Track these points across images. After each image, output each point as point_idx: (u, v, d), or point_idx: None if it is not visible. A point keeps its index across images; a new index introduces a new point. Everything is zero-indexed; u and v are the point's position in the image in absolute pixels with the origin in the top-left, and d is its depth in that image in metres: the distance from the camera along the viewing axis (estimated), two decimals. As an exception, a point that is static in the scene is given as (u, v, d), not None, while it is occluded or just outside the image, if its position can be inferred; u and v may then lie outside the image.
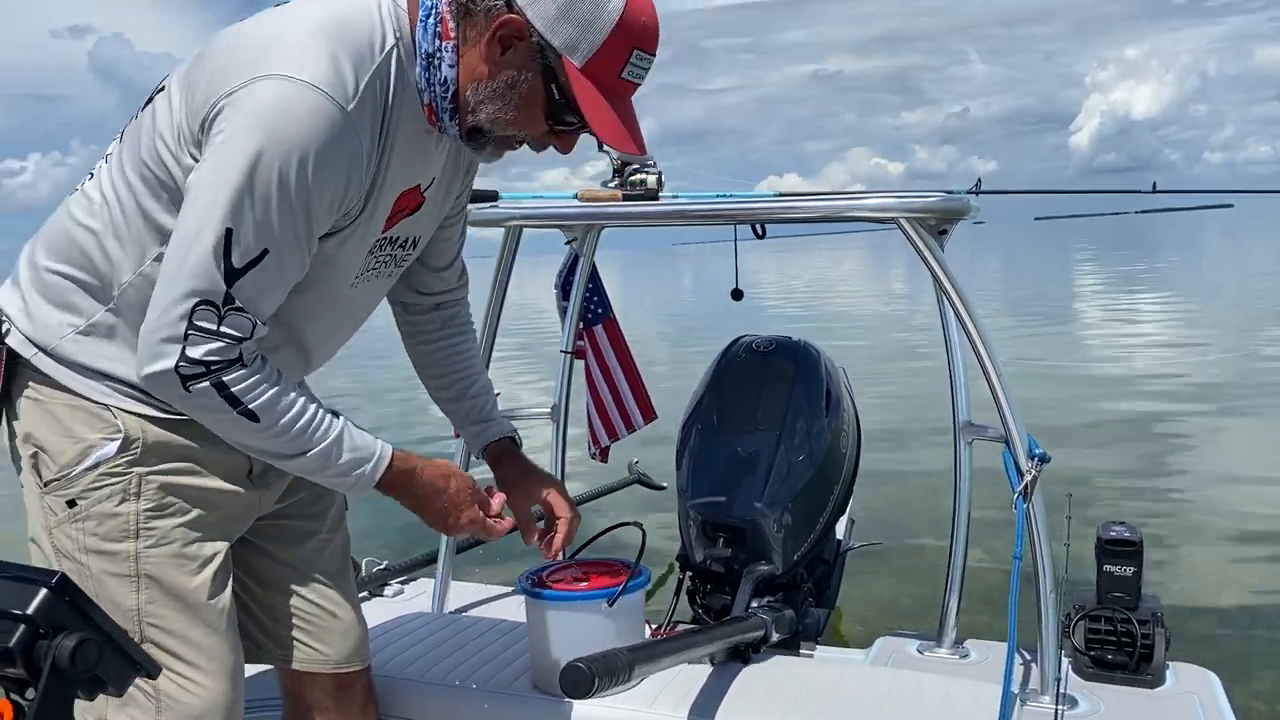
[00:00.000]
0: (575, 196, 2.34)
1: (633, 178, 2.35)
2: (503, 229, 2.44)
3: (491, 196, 2.40)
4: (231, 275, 1.31)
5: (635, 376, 3.05)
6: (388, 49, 1.38)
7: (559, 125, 1.45)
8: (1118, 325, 15.28)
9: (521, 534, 1.78)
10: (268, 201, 1.30)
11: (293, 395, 1.41)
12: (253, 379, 1.37)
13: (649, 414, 3.09)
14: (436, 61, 1.40)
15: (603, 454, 3.17)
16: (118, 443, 1.46)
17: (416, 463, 1.54)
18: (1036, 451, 2.06)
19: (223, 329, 1.33)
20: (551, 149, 1.51)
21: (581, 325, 2.92)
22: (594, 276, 2.87)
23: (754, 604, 2.25)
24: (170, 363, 1.33)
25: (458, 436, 2.08)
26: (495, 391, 2.68)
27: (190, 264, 1.31)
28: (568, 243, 2.81)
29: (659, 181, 2.33)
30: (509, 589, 2.94)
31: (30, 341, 1.49)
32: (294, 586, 1.69)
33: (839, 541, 2.93)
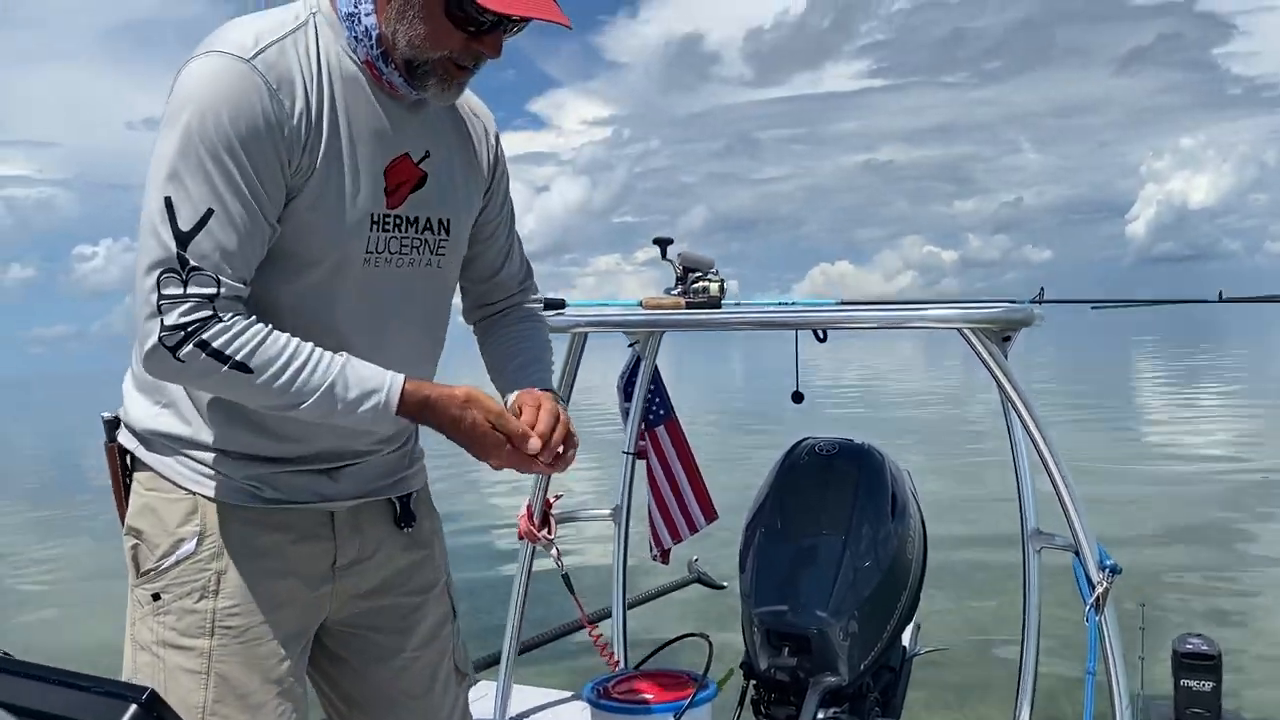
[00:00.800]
0: (640, 304, 2.39)
1: (695, 285, 2.40)
2: (569, 335, 2.50)
3: (559, 305, 2.46)
4: (183, 239, 1.34)
5: (697, 477, 3.06)
6: (300, 20, 1.45)
7: (469, 25, 1.42)
8: (1183, 421, 14.94)
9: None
10: (196, 160, 1.34)
11: (284, 341, 1.40)
12: (233, 331, 1.36)
13: (710, 514, 3.09)
14: (357, 16, 1.46)
15: (664, 555, 3.16)
16: (197, 538, 1.52)
17: (430, 390, 1.46)
18: (1108, 563, 2.02)
19: (189, 291, 1.34)
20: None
21: (643, 426, 2.95)
22: (656, 378, 2.91)
23: (820, 716, 2.21)
24: (154, 338, 1.34)
25: None
26: (557, 494, 2.72)
27: (145, 240, 1.36)
28: (630, 345, 2.86)
29: (721, 289, 2.38)
30: (571, 694, 2.92)
31: (133, 434, 1.58)
32: (371, 706, 1.70)
33: (905, 648, 2.88)
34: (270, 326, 1.40)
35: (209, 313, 1.35)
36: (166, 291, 1.34)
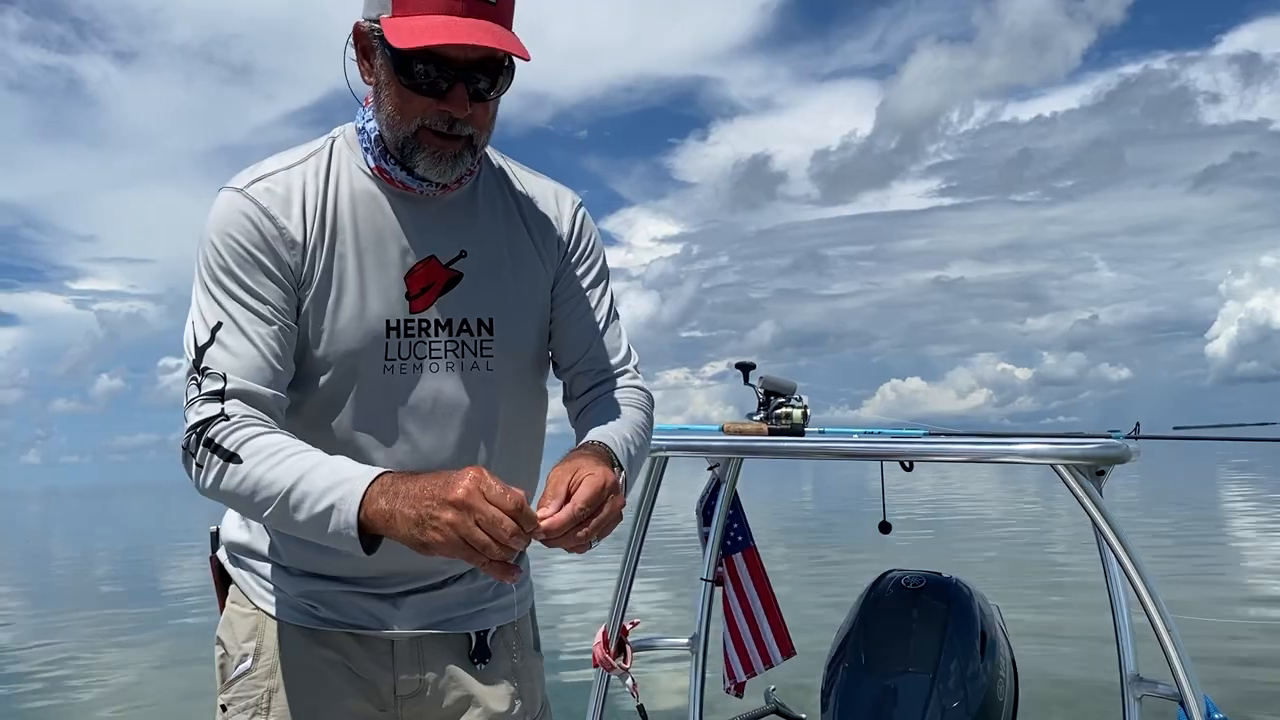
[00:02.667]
0: (721, 429, 2.39)
1: (778, 411, 2.39)
2: (649, 459, 2.50)
3: (641, 427, 2.47)
4: (201, 351, 1.39)
5: (774, 609, 2.98)
6: (317, 147, 1.51)
7: (423, 84, 1.37)
8: (1283, 556, 14.20)
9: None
10: (203, 285, 1.42)
11: (280, 438, 1.34)
12: (235, 424, 1.34)
13: (787, 650, 3.00)
14: (363, 126, 1.50)
15: (738, 689, 3.06)
16: (254, 654, 1.54)
17: (402, 488, 1.23)
18: (1216, 716, 1.91)
19: (201, 391, 1.37)
20: None
21: (721, 553, 2.91)
22: (735, 504, 2.88)
23: None
24: (181, 444, 1.38)
25: None
26: (633, 620, 2.67)
27: (186, 363, 1.42)
28: (710, 468, 2.84)
29: (804, 416, 2.36)
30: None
31: (225, 547, 1.63)
32: None
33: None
34: (275, 428, 1.37)
35: (216, 409, 1.36)
36: (189, 397, 1.38)
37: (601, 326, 1.64)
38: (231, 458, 1.32)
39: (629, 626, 2.65)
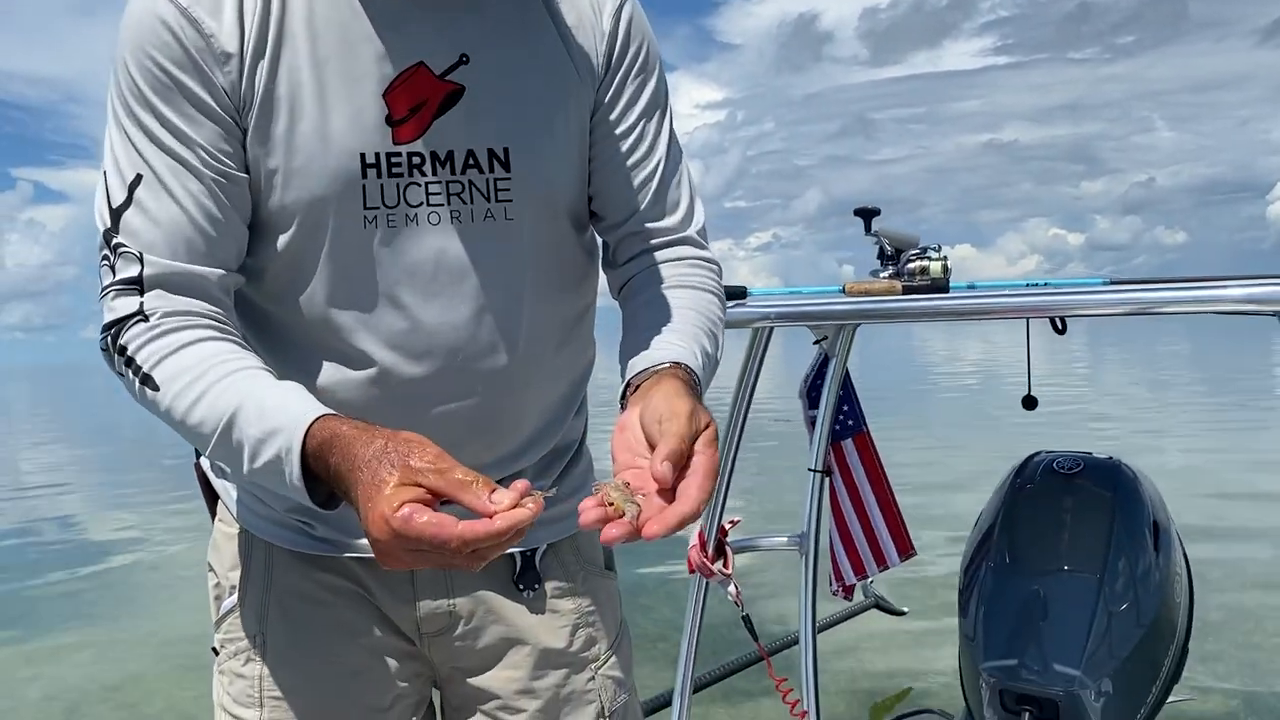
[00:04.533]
0: (842, 290, 1.97)
1: (911, 265, 1.96)
2: (751, 329, 2.10)
3: (739, 293, 2.06)
4: (115, 217, 1.05)
5: (890, 502, 2.60)
6: None
7: None
8: None
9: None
10: (119, 121, 1.05)
11: (210, 351, 1.02)
12: (153, 334, 1.02)
13: (905, 549, 2.63)
14: None
15: (846, 591, 2.71)
16: (241, 585, 1.23)
17: (343, 430, 0.92)
18: None
19: (117, 278, 1.04)
20: None
21: (830, 439, 2.52)
22: (846, 382, 2.48)
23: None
24: (99, 343, 1.07)
25: None
26: (732, 519, 2.31)
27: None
28: (816, 343, 2.43)
29: (944, 268, 1.94)
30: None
31: (211, 464, 1.29)
32: None
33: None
34: (207, 327, 1.04)
35: (133, 304, 1.03)
36: (103, 283, 1.06)
37: (658, 172, 1.22)
38: (147, 380, 1.02)
39: (728, 526, 2.29)
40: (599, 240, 1.29)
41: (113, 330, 1.03)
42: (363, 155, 1.07)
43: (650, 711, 2.51)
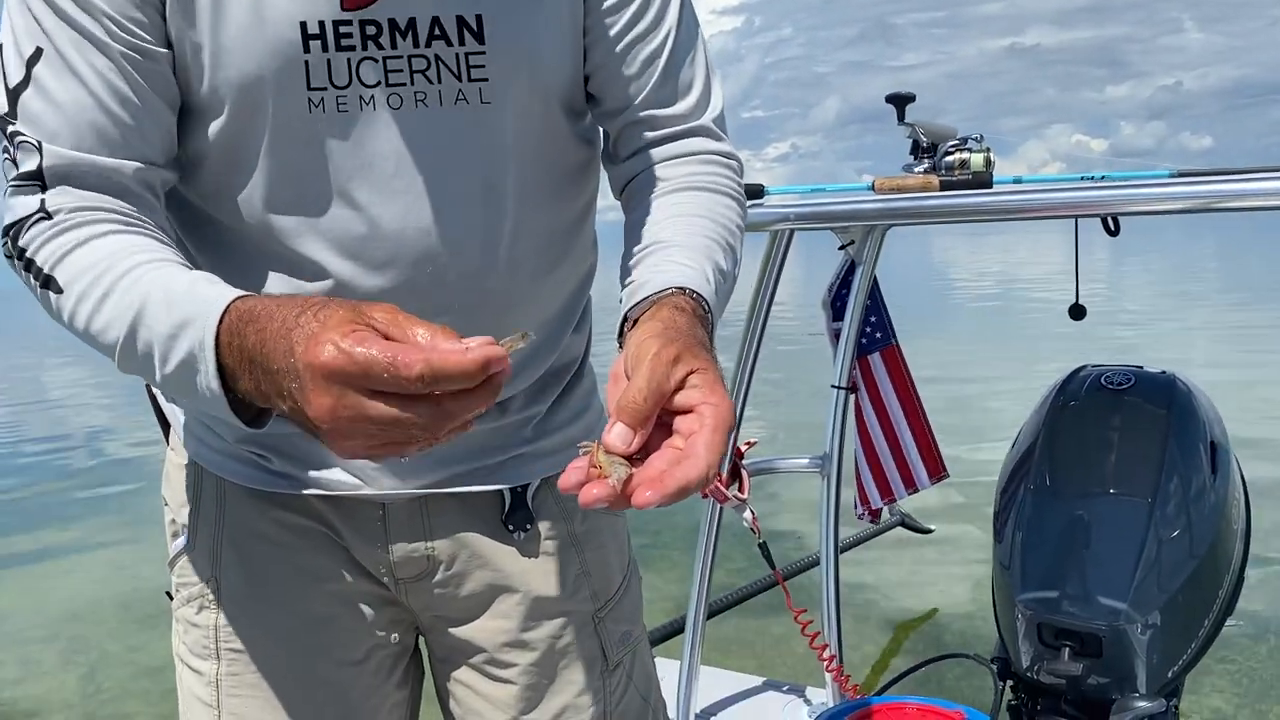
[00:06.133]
0: (871, 187, 1.77)
1: (949, 158, 1.76)
2: (768, 233, 1.91)
3: (757, 192, 1.87)
4: (11, 98, 0.87)
5: (920, 421, 2.44)
6: None
7: None
8: None
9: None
10: None
11: (114, 246, 0.85)
12: (54, 231, 0.86)
13: (936, 470, 2.47)
14: None
15: (873, 515, 2.56)
16: (191, 526, 1.09)
17: (266, 302, 0.75)
18: None
19: (19, 167, 0.88)
20: None
21: (856, 353, 2.34)
22: (874, 291, 2.29)
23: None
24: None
25: None
26: (749, 441, 2.15)
27: None
28: (842, 247, 2.24)
29: (987, 162, 1.73)
30: (764, 680, 2.40)
31: None
32: None
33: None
34: (122, 224, 0.88)
35: (34, 202, 0.86)
36: (8, 179, 0.89)
37: (666, 46, 1.02)
38: (48, 283, 0.86)
39: (744, 448, 2.11)
40: (600, 130, 1.10)
41: (12, 232, 0.88)
42: (303, 24, 0.88)
43: (663, 638, 2.39)
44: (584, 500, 0.69)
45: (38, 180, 0.86)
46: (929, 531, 4.17)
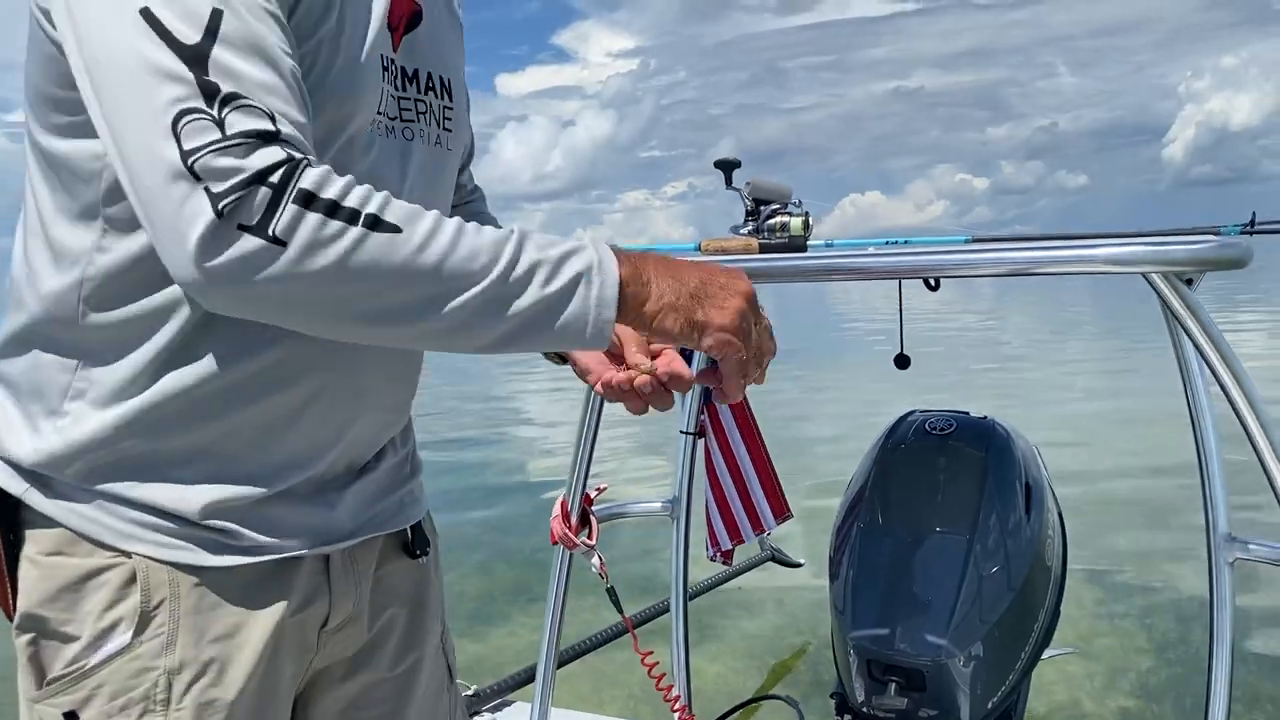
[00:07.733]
0: (698, 248, 1.85)
1: (771, 221, 1.84)
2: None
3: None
4: (196, 56, 0.81)
5: (765, 464, 2.52)
6: None
7: None
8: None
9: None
10: None
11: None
12: (342, 176, 0.84)
13: (781, 511, 2.55)
14: None
15: (724, 556, 2.63)
16: (136, 623, 0.99)
17: (650, 259, 0.97)
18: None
19: (243, 129, 0.80)
20: None
21: (703, 400, 2.41)
22: (719, 341, 2.36)
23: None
24: (202, 223, 0.78)
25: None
26: (599, 486, 2.20)
27: (135, 89, 0.81)
28: (686, 301, 2.31)
29: (806, 225, 1.82)
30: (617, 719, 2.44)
31: (17, 470, 1.01)
32: None
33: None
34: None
35: (280, 154, 0.80)
36: (195, 144, 0.79)
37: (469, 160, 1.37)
38: (376, 223, 0.82)
39: (593, 495, 2.17)
40: None
41: (270, 178, 0.79)
42: (383, 56, 1.02)
43: (514, 687, 2.41)
44: (638, 382, 1.12)
45: (277, 139, 0.82)
46: (799, 565, 4.24)
